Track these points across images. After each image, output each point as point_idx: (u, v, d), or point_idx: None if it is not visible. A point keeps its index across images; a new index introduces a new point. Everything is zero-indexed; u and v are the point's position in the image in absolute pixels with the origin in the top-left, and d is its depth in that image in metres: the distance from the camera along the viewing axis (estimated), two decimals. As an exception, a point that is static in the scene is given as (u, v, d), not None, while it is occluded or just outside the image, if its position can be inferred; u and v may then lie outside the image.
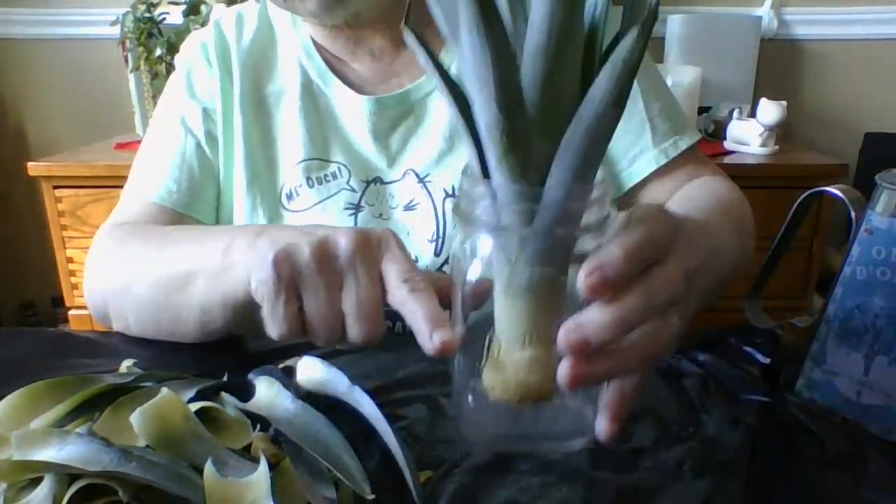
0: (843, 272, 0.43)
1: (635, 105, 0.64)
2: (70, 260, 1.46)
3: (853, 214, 0.44)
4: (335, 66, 0.67)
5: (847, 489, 0.36)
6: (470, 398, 0.33)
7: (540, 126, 0.28)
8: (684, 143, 0.64)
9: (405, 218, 0.63)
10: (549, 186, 0.28)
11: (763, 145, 1.53)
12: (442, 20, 0.28)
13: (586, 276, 0.27)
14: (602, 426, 0.31)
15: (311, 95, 0.66)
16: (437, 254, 0.63)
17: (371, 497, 0.33)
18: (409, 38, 0.28)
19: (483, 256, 0.31)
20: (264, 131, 0.66)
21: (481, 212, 0.29)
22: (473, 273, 0.31)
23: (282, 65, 0.67)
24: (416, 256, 0.63)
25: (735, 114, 1.60)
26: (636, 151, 0.64)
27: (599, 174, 0.30)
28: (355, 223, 0.63)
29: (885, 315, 0.41)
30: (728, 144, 1.58)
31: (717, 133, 1.64)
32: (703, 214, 0.49)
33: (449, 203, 0.63)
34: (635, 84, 0.60)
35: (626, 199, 0.66)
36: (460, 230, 0.31)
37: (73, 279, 1.47)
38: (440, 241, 0.62)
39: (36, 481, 0.33)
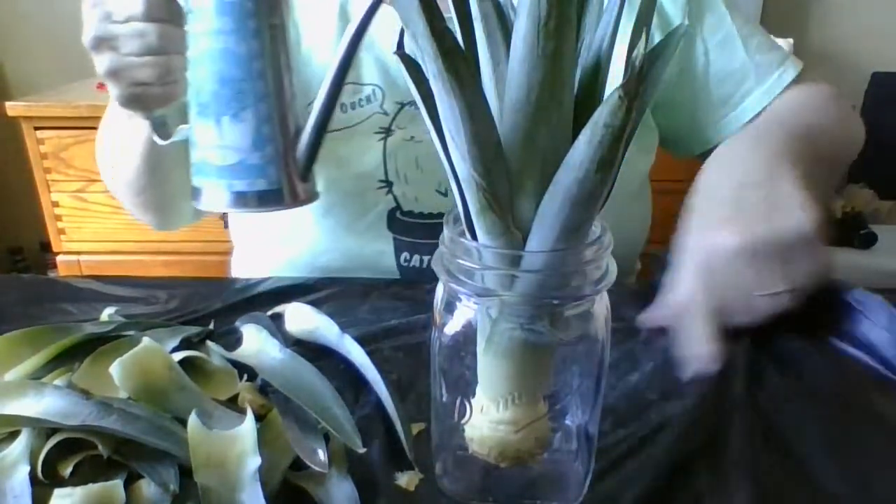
0: None
1: (734, 47, 0.61)
2: (56, 204, 1.42)
3: None
4: None
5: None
6: (450, 447, 0.33)
7: (522, 184, 0.26)
8: (788, 76, 0.62)
9: None
10: (530, 251, 0.26)
11: (766, 85, 1.49)
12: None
13: None
14: None
15: (346, 14, 0.61)
16: None
17: (362, 450, 0.32)
18: (404, 66, 0.25)
19: (464, 307, 0.29)
20: (294, 46, 0.60)
21: (462, 268, 0.28)
22: (452, 327, 0.30)
23: None
24: None
25: (739, 52, 1.55)
26: (741, 94, 0.61)
27: (597, 229, 0.28)
28: (384, 148, 0.60)
29: None
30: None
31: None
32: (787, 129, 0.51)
33: None
34: (732, 26, 0.60)
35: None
36: (441, 279, 0.29)
37: (59, 224, 1.44)
38: None
39: (12, 435, 0.32)
